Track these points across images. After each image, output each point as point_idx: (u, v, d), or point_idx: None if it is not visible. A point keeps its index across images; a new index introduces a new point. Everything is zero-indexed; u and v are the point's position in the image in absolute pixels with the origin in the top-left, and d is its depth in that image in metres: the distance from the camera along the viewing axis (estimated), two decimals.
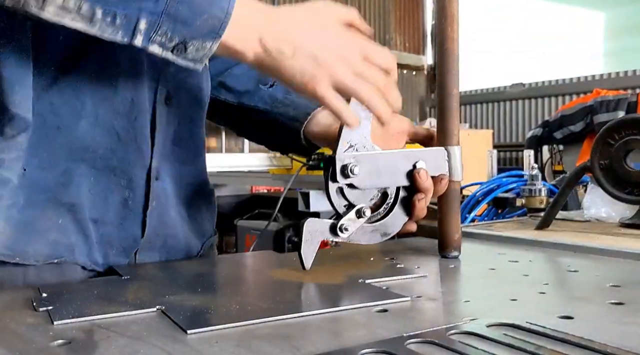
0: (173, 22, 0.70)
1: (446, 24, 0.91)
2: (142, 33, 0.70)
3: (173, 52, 0.72)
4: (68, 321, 0.61)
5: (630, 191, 1.15)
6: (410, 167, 0.87)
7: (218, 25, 0.71)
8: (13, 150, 0.78)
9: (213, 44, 0.72)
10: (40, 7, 0.68)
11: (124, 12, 0.68)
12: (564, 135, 4.86)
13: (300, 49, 0.75)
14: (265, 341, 0.54)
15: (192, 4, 0.70)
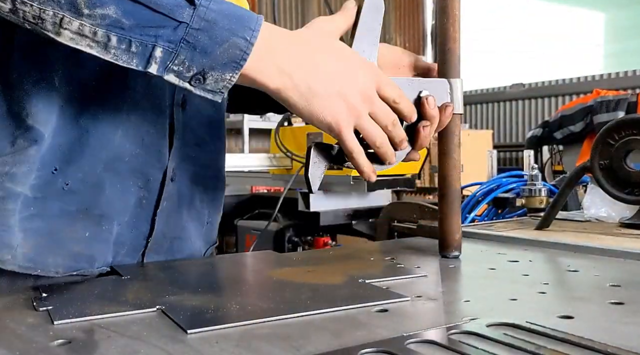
0: (192, 51, 0.67)
1: (448, 24, 0.91)
2: (158, 61, 0.68)
3: (191, 82, 0.70)
4: (68, 321, 0.61)
5: (630, 191, 1.15)
6: (415, 96, 0.86)
7: (240, 55, 0.69)
8: (24, 164, 0.77)
9: (233, 75, 0.70)
10: (56, 31, 0.66)
11: (139, 39, 0.67)
12: (564, 136, 4.87)
13: (330, 86, 0.75)
14: (265, 341, 0.54)
15: (212, 32, 0.68)
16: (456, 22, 0.91)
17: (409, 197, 3.43)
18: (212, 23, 0.67)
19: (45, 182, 0.79)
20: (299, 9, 7.52)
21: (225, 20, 0.68)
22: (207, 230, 1.04)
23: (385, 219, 1.82)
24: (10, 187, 0.76)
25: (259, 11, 7.13)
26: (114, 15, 0.65)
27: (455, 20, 0.91)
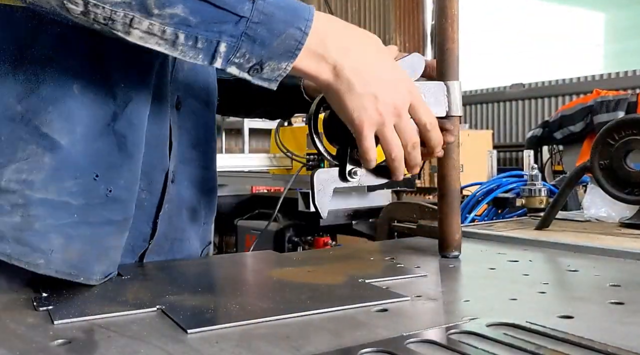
0: (251, 43, 0.70)
1: (447, 24, 0.91)
2: (222, 56, 0.70)
3: (249, 72, 0.72)
4: (68, 321, 0.61)
5: (630, 191, 1.15)
6: None
7: (295, 45, 0.72)
8: (41, 172, 0.77)
9: (288, 64, 0.72)
10: (126, 31, 0.69)
11: (205, 36, 0.69)
12: (564, 136, 4.86)
13: (368, 87, 0.77)
14: (265, 341, 0.54)
15: (270, 25, 0.70)
16: (455, 22, 0.91)
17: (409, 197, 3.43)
18: (270, 16, 0.70)
19: (87, 189, 0.80)
20: None
21: (281, 12, 0.71)
22: (204, 231, 1.05)
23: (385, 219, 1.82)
24: (30, 194, 0.76)
25: None
26: (182, 14, 0.67)
27: (454, 21, 0.91)
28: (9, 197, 0.75)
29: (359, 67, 0.77)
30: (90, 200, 0.80)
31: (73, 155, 0.78)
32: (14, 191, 0.75)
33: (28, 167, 0.76)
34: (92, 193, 0.80)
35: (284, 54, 0.72)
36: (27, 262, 0.75)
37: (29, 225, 0.76)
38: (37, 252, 0.76)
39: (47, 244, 0.77)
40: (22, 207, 0.76)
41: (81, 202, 0.79)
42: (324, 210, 0.82)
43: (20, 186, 0.76)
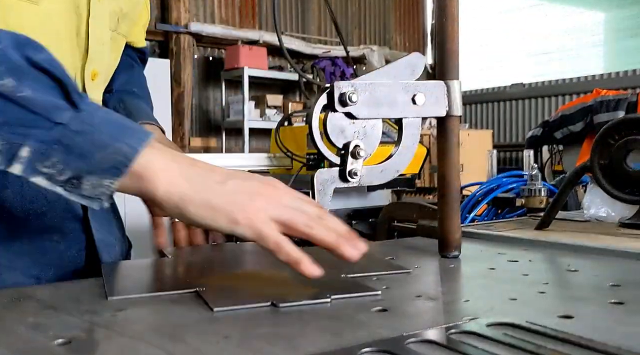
0: (66, 153, 0.62)
1: (447, 24, 0.91)
2: (23, 162, 0.62)
3: (64, 187, 0.64)
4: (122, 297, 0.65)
5: (630, 191, 1.15)
6: (409, 99, 0.87)
7: (123, 161, 0.63)
8: None
9: (113, 181, 0.64)
10: None
11: (5, 137, 0.62)
12: (563, 135, 4.86)
13: (229, 180, 0.67)
14: (265, 341, 0.55)
15: (93, 136, 0.63)
16: (455, 21, 0.91)
17: (409, 197, 3.43)
18: (95, 128, 0.63)
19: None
20: (299, 8, 7.52)
21: (110, 127, 0.64)
22: None
23: (385, 219, 1.82)
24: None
25: (259, 10, 7.14)
26: None
27: (454, 20, 0.91)
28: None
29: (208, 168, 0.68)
30: None
31: None
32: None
33: None
34: None
35: (108, 170, 0.63)
36: None
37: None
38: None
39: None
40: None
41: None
42: None
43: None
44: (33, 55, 0.64)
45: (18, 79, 0.62)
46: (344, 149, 0.84)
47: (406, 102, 0.86)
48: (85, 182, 0.63)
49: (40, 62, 0.64)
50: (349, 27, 7.82)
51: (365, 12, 7.99)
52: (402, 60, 0.88)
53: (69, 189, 0.64)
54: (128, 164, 0.63)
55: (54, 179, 0.63)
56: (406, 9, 8.36)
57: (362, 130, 0.84)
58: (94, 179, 0.63)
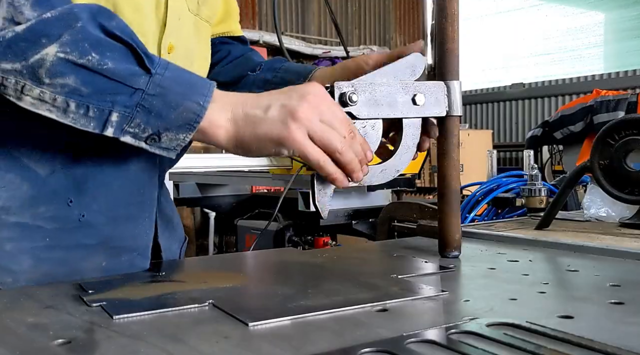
0: (147, 114, 0.71)
1: (446, 24, 0.90)
2: (114, 125, 0.71)
3: (146, 141, 0.73)
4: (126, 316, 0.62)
5: (630, 191, 1.15)
6: (409, 100, 0.87)
7: (193, 118, 0.73)
8: (17, 200, 0.80)
9: (187, 135, 0.74)
10: (18, 96, 0.70)
11: (97, 105, 0.70)
12: (563, 136, 4.86)
13: (271, 105, 0.76)
14: (265, 341, 0.54)
15: (166, 97, 0.71)
16: (455, 21, 0.91)
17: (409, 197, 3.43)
18: (166, 89, 0.72)
19: (60, 215, 0.82)
20: (299, 8, 7.52)
21: (179, 87, 0.73)
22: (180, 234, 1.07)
23: (385, 219, 1.82)
24: (5, 218, 0.79)
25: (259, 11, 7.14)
26: (73, 84, 0.69)
27: (454, 20, 0.91)
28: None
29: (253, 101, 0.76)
30: (63, 225, 0.82)
31: (50, 184, 0.81)
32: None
33: (6, 195, 0.79)
34: (66, 218, 0.82)
35: (182, 126, 0.73)
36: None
37: (0, 247, 0.79)
38: (6, 271, 0.79)
39: (17, 265, 0.79)
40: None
41: (54, 226, 0.81)
42: (324, 210, 0.83)
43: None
44: (106, 23, 0.72)
45: (100, 52, 0.70)
46: None
47: (406, 103, 0.86)
48: (163, 137, 0.73)
49: (113, 29, 0.72)
50: (349, 27, 7.82)
51: (365, 12, 7.99)
52: (403, 60, 0.88)
53: (150, 144, 0.74)
54: (198, 120, 0.73)
55: (138, 137, 0.73)
56: (406, 9, 8.36)
57: (362, 130, 0.84)
58: (171, 134, 0.73)
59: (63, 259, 0.82)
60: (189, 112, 0.72)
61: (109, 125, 0.71)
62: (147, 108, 0.71)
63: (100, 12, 0.73)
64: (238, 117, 0.75)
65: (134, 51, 0.72)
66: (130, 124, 0.72)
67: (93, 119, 0.71)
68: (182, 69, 0.76)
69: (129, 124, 0.72)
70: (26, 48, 0.68)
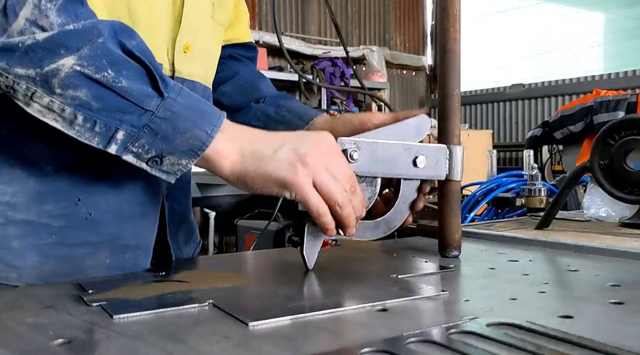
0: (153, 136, 0.72)
1: (448, 24, 0.91)
2: (118, 143, 0.72)
3: (148, 163, 0.74)
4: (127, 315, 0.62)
5: (630, 191, 1.15)
6: (410, 161, 0.87)
7: (199, 146, 0.73)
8: (24, 196, 0.80)
9: (189, 162, 0.74)
10: (26, 102, 0.70)
11: (104, 121, 0.71)
12: (563, 136, 4.86)
13: (281, 147, 0.75)
14: (265, 341, 0.54)
15: (175, 122, 0.72)
16: (456, 22, 0.91)
17: None
18: (177, 114, 0.72)
19: (68, 212, 0.82)
20: (299, 8, 7.52)
21: (189, 113, 0.73)
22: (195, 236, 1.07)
23: None
24: (11, 214, 0.79)
25: (258, 11, 7.14)
26: (85, 98, 0.70)
27: (456, 21, 0.91)
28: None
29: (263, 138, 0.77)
30: (70, 223, 0.82)
31: (57, 181, 0.81)
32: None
33: (12, 190, 0.79)
34: (73, 216, 0.82)
35: (186, 152, 0.73)
36: None
37: (6, 243, 0.79)
38: (11, 268, 0.79)
39: (22, 262, 0.80)
40: (1, 226, 0.79)
41: (61, 224, 0.81)
42: (311, 261, 0.83)
43: (3, 207, 0.79)
44: (127, 42, 0.73)
45: (116, 70, 0.70)
46: None
47: (407, 163, 0.88)
48: (165, 161, 0.73)
49: (132, 49, 0.73)
50: (349, 27, 7.82)
51: (365, 13, 7.98)
52: (408, 121, 0.89)
53: (151, 165, 0.74)
54: (203, 148, 0.73)
55: (140, 157, 0.73)
56: (406, 9, 8.35)
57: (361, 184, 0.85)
58: (174, 159, 0.73)
59: (68, 256, 0.82)
60: (195, 139, 0.72)
61: (113, 142, 0.72)
62: (154, 130, 0.71)
63: (122, 30, 0.74)
64: (245, 151, 0.75)
65: (149, 72, 0.73)
66: (135, 144, 0.72)
67: (98, 134, 0.71)
68: (196, 96, 0.76)
69: (133, 143, 0.72)
70: (43, 56, 0.68)
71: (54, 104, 0.70)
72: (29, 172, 0.80)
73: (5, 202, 0.79)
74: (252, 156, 0.75)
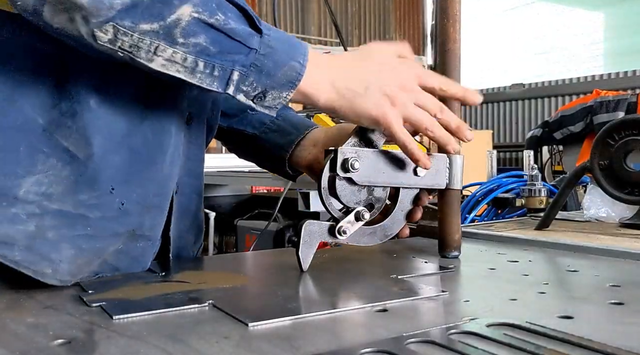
0: (258, 73, 0.75)
1: (448, 25, 0.91)
2: (234, 84, 0.75)
3: (254, 100, 0.77)
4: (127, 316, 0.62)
5: (630, 191, 1.15)
6: (411, 170, 0.88)
7: (295, 76, 0.77)
8: (60, 185, 0.79)
9: (289, 94, 0.78)
10: (149, 58, 0.71)
11: (221, 65, 0.73)
12: (563, 136, 4.86)
13: (370, 85, 0.81)
14: (265, 341, 0.55)
15: (274, 57, 0.75)
16: (456, 22, 0.91)
17: None
18: (274, 49, 0.76)
19: (102, 202, 0.81)
20: (299, 8, 7.52)
21: (284, 46, 0.77)
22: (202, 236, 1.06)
23: None
24: (47, 205, 0.78)
25: (259, 11, 7.14)
26: (204, 44, 0.72)
27: (456, 21, 0.91)
28: (26, 207, 0.76)
29: (353, 74, 0.81)
30: (104, 213, 0.81)
31: (91, 169, 0.80)
32: (32, 202, 0.77)
33: (48, 181, 0.78)
34: (107, 206, 0.82)
35: (285, 84, 0.77)
36: (35, 270, 0.76)
37: (42, 234, 0.77)
38: (46, 261, 0.77)
39: (57, 254, 0.78)
40: (37, 217, 0.77)
41: (97, 215, 0.81)
42: (306, 262, 0.83)
43: (39, 197, 0.77)
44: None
45: (223, 12, 0.73)
46: (347, 209, 0.85)
47: (407, 173, 0.88)
48: (268, 96, 0.77)
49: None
50: (349, 27, 7.83)
51: (365, 12, 7.99)
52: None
53: (256, 102, 0.77)
54: (299, 78, 0.77)
55: (248, 95, 0.76)
56: (406, 9, 8.36)
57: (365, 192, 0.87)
58: (276, 93, 0.77)
59: (99, 249, 0.82)
60: (291, 70, 0.76)
61: (231, 84, 0.75)
62: (259, 67, 0.75)
63: None
64: (339, 86, 0.80)
65: (244, 12, 0.76)
66: (245, 83, 0.75)
67: (217, 78, 0.74)
68: (280, 30, 0.79)
69: (243, 83, 0.75)
70: (162, 9, 0.69)
71: (177, 54, 0.71)
72: (64, 161, 0.79)
73: (42, 192, 0.78)
74: (345, 93, 0.80)
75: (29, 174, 0.77)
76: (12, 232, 0.75)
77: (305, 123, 1.09)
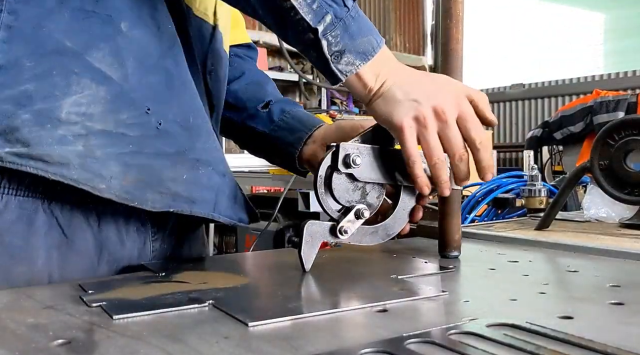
0: (344, 30, 0.80)
1: (451, 25, 0.91)
2: (325, 25, 0.79)
3: (332, 56, 0.80)
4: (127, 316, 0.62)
5: (630, 191, 1.15)
6: None
7: (371, 50, 0.81)
8: (98, 104, 0.81)
9: (361, 64, 0.81)
10: None
11: (320, 2, 0.78)
12: (563, 136, 4.86)
13: (409, 95, 0.82)
14: (265, 341, 0.54)
15: (359, 23, 0.81)
16: (459, 23, 0.91)
17: None
18: (361, 17, 0.82)
19: (140, 122, 0.84)
20: None
21: (366, 20, 0.83)
22: None
23: None
24: (90, 125, 0.81)
25: None
26: None
27: (458, 21, 0.91)
28: (71, 128, 0.79)
29: (404, 81, 0.83)
30: (144, 132, 0.84)
31: (126, 90, 0.83)
32: (75, 122, 0.80)
33: (86, 101, 0.81)
34: (145, 125, 0.85)
35: (361, 53, 0.81)
36: (92, 186, 0.80)
37: (91, 153, 0.81)
38: (99, 177, 0.81)
39: (107, 171, 0.82)
40: (83, 138, 0.80)
41: (136, 133, 0.84)
42: (308, 262, 0.83)
43: (81, 118, 0.80)
44: None
45: None
46: (347, 209, 0.85)
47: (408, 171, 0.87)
48: (343, 58, 0.80)
49: None
50: None
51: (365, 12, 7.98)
52: None
53: (333, 60, 0.80)
54: (373, 54, 0.81)
55: (330, 47, 0.80)
56: (406, 9, 8.36)
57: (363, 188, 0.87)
58: (351, 57, 0.80)
59: (148, 166, 0.84)
60: (369, 44, 0.81)
61: (322, 23, 0.78)
62: (347, 25, 0.79)
63: None
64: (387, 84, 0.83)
65: None
66: (332, 33, 0.79)
67: (314, 12, 0.78)
68: None
69: (330, 32, 0.79)
70: None
71: None
72: (98, 81, 0.81)
73: (82, 113, 0.80)
74: (386, 96, 0.83)
75: (66, 96, 0.79)
76: (65, 153, 0.79)
77: (313, 121, 1.11)
